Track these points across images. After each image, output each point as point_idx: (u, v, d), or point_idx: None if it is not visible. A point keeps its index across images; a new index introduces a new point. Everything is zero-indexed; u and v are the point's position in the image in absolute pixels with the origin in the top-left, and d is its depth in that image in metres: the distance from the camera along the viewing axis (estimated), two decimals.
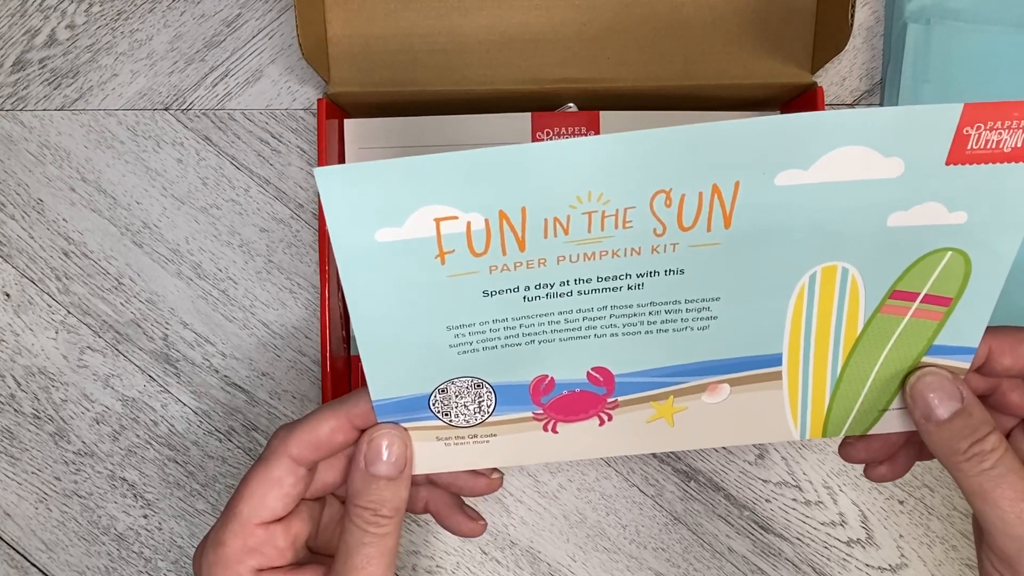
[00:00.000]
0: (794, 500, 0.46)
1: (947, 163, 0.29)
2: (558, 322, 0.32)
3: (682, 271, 0.31)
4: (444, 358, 0.32)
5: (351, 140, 0.44)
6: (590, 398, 0.34)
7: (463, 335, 0.32)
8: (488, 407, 0.34)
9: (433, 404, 0.33)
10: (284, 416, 0.46)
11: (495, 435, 0.35)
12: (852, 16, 0.38)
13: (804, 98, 0.43)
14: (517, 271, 0.30)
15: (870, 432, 0.36)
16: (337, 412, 0.33)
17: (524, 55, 0.43)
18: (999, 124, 0.28)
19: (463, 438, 0.34)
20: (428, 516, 0.46)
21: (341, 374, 0.44)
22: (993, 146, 0.28)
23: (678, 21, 0.43)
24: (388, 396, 0.33)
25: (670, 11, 0.43)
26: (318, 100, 0.42)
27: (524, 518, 0.46)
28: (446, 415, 0.34)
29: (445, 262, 0.30)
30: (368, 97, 0.43)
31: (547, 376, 0.33)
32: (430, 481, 0.38)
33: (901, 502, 0.46)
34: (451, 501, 0.38)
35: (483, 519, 0.38)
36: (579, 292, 0.31)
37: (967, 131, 0.28)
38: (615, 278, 0.31)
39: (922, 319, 0.33)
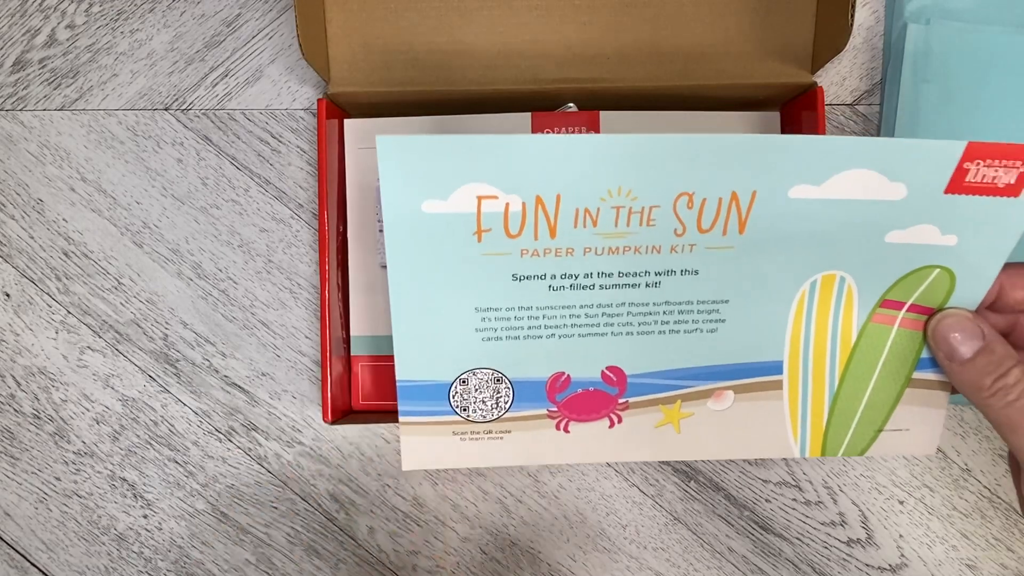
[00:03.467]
0: (794, 500, 0.46)
1: (945, 191, 0.31)
2: (578, 316, 0.34)
3: (697, 272, 0.33)
4: (469, 342, 0.34)
5: (351, 140, 0.44)
6: (603, 398, 0.36)
7: (489, 319, 0.34)
8: (505, 403, 0.35)
9: (452, 396, 0.35)
10: (284, 416, 0.46)
11: (509, 431, 0.36)
12: (852, 16, 0.38)
13: (804, 98, 0.43)
14: (546, 258, 0.32)
15: (867, 454, 0.37)
16: None
17: (524, 55, 0.43)
18: (996, 162, 0.30)
19: (478, 433, 0.36)
20: (429, 516, 0.46)
21: (341, 374, 0.44)
22: (989, 180, 0.31)
23: (678, 21, 0.43)
24: (413, 378, 0.34)
25: (670, 11, 0.43)
26: (318, 100, 0.42)
27: (524, 518, 0.46)
28: (464, 410, 0.35)
29: (482, 239, 0.32)
30: (368, 97, 0.43)
31: (564, 373, 0.35)
32: None
33: (901, 502, 0.46)
34: None
35: None
36: (600, 286, 0.33)
37: (967, 166, 0.30)
38: (635, 275, 0.33)
39: (908, 329, 0.35)
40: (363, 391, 0.44)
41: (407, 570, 0.46)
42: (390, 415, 0.44)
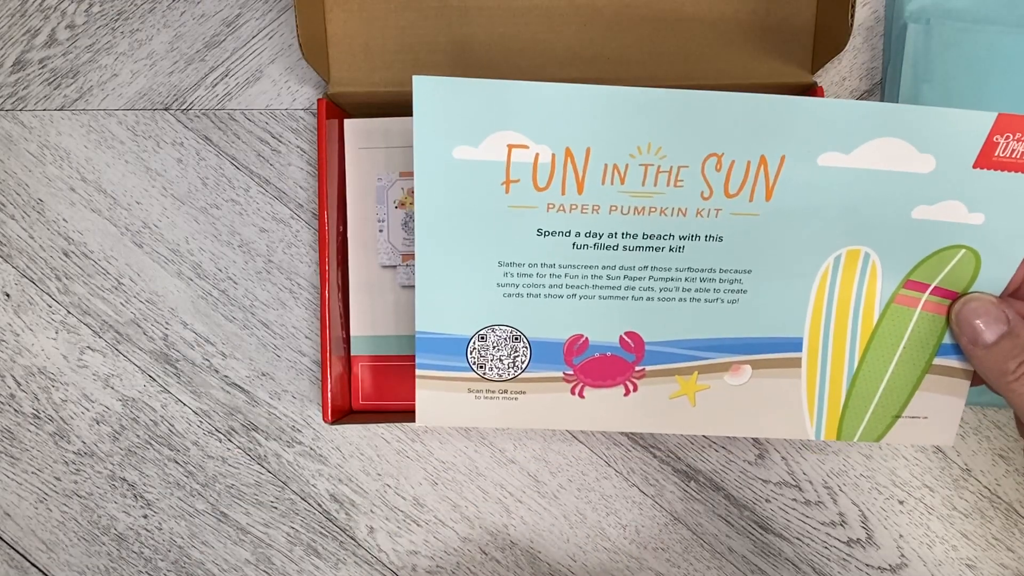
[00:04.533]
0: (794, 500, 0.46)
1: (974, 166, 0.31)
2: (600, 277, 0.34)
3: (721, 238, 0.33)
4: (490, 298, 0.34)
5: (351, 140, 0.44)
6: (619, 364, 0.36)
7: (512, 275, 0.34)
8: (522, 363, 0.35)
9: (470, 352, 0.35)
10: (284, 416, 0.46)
11: (524, 392, 0.36)
12: (852, 16, 0.38)
13: None
14: (571, 214, 0.33)
15: (883, 441, 0.37)
16: None
17: (524, 55, 0.43)
18: None
19: (493, 392, 0.36)
20: (429, 515, 0.46)
21: (341, 374, 0.44)
22: (1018, 156, 0.30)
23: (678, 21, 0.43)
24: (432, 330, 0.35)
25: (670, 11, 0.43)
26: (318, 100, 0.42)
27: (524, 518, 0.46)
28: (480, 367, 0.35)
29: (509, 191, 0.32)
30: (368, 97, 0.43)
31: (582, 336, 0.35)
32: None
33: (901, 502, 0.46)
34: None
35: None
36: (624, 247, 0.33)
37: (996, 139, 0.30)
38: (659, 237, 0.33)
39: (931, 313, 0.34)
40: (363, 391, 0.44)
41: (407, 570, 0.46)
42: (390, 415, 0.44)
